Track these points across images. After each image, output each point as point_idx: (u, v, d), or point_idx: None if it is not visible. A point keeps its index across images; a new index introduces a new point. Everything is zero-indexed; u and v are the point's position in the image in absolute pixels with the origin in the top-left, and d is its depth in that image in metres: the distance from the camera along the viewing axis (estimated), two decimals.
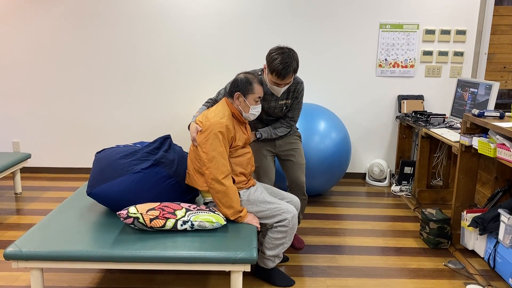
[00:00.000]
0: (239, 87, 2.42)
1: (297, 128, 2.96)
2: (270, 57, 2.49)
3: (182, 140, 4.61)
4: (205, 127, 2.34)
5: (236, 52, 4.41)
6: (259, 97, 2.45)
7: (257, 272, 2.62)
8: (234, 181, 2.42)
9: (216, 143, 2.31)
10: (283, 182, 3.75)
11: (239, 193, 2.43)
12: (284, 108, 2.76)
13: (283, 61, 2.44)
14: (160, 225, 2.20)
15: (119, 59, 4.43)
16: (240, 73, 2.47)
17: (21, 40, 4.39)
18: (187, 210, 2.27)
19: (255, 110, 2.46)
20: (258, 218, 2.45)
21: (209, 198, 2.47)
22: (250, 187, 2.50)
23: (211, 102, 2.70)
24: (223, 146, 2.33)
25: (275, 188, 2.67)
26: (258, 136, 2.77)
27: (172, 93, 4.50)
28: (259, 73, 2.70)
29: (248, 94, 2.41)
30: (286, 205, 2.44)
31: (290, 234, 2.46)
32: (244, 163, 2.47)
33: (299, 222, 3.04)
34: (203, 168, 2.34)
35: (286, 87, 2.59)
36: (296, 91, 2.73)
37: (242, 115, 2.47)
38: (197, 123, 2.42)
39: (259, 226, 2.40)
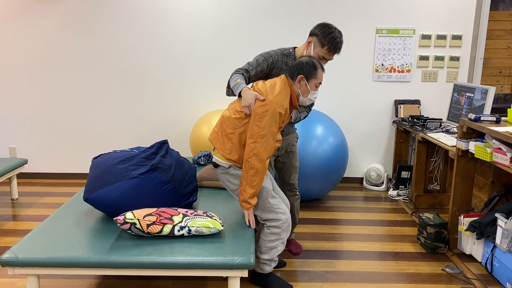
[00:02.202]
0: (303, 70, 2.34)
1: (296, 128, 2.95)
2: (324, 30, 2.52)
3: (179, 145, 4.60)
4: (267, 100, 2.26)
5: (234, 57, 4.42)
6: (320, 83, 2.40)
7: (254, 278, 2.61)
8: None
9: (272, 122, 2.25)
10: None
11: None
12: None
13: (339, 35, 2.52)
14: (157, 231, 2.20)
15: (115, 65, 4.43)
16: (303, 56, 2.41)
17: (17, 45, 4.39)
18: (184, 215, 2.27)
19: (313, 96, 2.41)
20: (255, 207, 2.43)
21: (220, 160, 2.39)
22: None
23: (242, 71, 2.54)
24: (276, 127, 2.28)
25: (276, 185, 2.66)
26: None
27: (169, 98, 4.50)
28: (290, 50, 2.67)
29: (311, 79, 2.35)
30: (284, 207, 2.44)
31: (283, 237, 2.46)
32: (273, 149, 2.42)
33: (296, 223, 3.03)
34: (249, 140, 2.27)
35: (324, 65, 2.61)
36: None
37: (298, 99, 2.40)
38: (256, 91, 2.33)
39: (254, 226, 2.39)
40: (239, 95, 2.39)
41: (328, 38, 2.50)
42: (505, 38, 4.49)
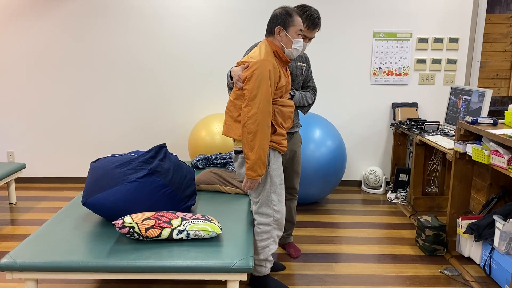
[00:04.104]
0: (278, 20, 2.31)
1: (301, 126, 2.92)
2: (300, 10, 2.58)
3: (178, 149, 4.60)
4: (251, 63, 2.24)
5: (232, 60, 4.43)
6: (301, 30, 2.35)
7: (253, 282, 2.61)
8: (275, 131, 2.32)
9: (261, 81, 2.20)
10: None
11: (270, 153, 2.34)
12: (304, 70, 2.76)
13: (315, 11, 2.59)
14: (156, 235, 2.20)
15: (114, 69, 4.44)
16: (277, 8, 2.38)
17: (15, 49, 4.39)
18: (183, 219, 2.27)
19: (298, 45, 2.36)
20: (255, 192, 2.41)
21: (240, 147, 2.37)
22: (282, 154, 2.39)
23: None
24: (269, 85, 2.22)
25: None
26: (292, 93, 2.68)
27: (167, 102, 4.51)
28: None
29: (289, 27, 2.31)
30: (282, 207, 2.44)
31: (274, 235, 2.47)
32: (286, 115, 2.37)
33: (294, 223, 3.04)
34: (243, 105, 2.23)
35: (309, 44, 2.59)
36: (306, 57, 2.81)
37: (284, 52, 2.36)
38: (240, 64, 2.30)
39: (243, 190, 2.32)
40: (231, 78, 2.41)
41: (305, 16, 2.57)
42: (502, 41, 4.52)
